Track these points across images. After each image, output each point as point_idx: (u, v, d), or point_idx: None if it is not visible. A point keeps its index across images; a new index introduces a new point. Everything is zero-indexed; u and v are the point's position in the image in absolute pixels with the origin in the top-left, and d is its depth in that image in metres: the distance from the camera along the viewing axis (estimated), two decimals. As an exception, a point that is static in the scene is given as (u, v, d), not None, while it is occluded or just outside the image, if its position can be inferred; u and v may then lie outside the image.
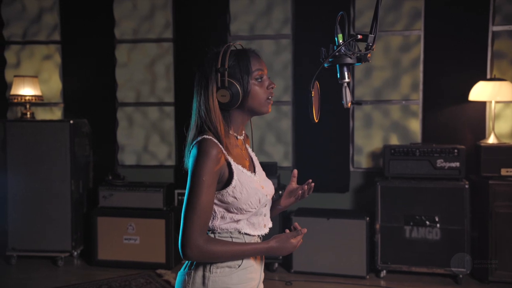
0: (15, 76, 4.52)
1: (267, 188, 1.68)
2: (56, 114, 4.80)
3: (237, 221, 1.57)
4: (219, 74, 1.54)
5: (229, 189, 1.53)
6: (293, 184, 1.83)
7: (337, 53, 1.49)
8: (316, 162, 4.41)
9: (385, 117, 4.37)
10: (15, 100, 4.43)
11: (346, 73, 1.53)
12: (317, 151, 4.42)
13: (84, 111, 4.65)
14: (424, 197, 3.93)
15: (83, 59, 4.70)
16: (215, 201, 1.55)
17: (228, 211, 1.56)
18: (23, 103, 4.48)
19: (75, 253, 4.39)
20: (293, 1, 4.45)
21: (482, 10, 4.16)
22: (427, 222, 3.91)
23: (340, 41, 1.50)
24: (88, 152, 4.62)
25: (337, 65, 1.53)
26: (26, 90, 4.42)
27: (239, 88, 1.54)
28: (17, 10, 4.76)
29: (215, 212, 1.56)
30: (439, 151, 3.97)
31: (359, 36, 1.48)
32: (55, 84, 4.78)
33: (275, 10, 4.46)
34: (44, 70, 4.79)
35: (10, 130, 4.32)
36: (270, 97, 1.62)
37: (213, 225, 1.57)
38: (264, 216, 1.67)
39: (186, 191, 1.50)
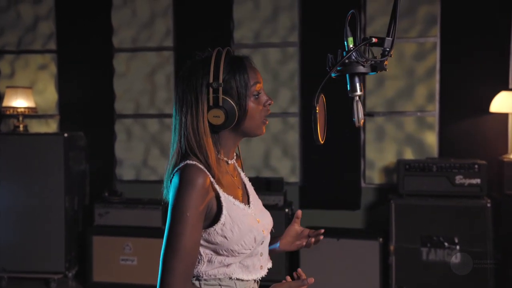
0: (7, 87, 4.32)
1: (264, 221, 1.40)
2: (52, 126, 4.58)
3: (228, 265, 1.30)
4: (211, 90, 1.27)
5: (218, 226, 1.26)
6: (296, 226, 1.54)
7: (346, 61, 1.23)
8: (325, 178, 4.14)
9: (398, 129, 4.09)
10: (8, 112, 4.22)
11: (357, 85, 1.26)
12: (326, 166, 4.14)
13: (80, 123, 4.42)
14: (442, 216, 3.64)
15: (80, 68, 4.48)
16: (201, 241, 1.27)
17: (217, 253, 1.28)
18: (16, 115, 4.26)
19: (70, 274, 4.14)
20: (300, 7, 4.20)
21: (503, 15, 3.89)
22: (446, 244, 3.61)
23: (351, 45, 1.24)
24: (84, 166, 4.38)
25: (347, 75, 1.26)
26: (19, 101, 4.21)
27: (235, 106, 1.27)
28: (12, 18, 4.56)
29: (200, 255, 1.28)
30: (458, 166, 3.68)
31: (374, 40, 1.22)
32: (51, 95, 4.57)
33: (281, 16, 4.21)
34: (39, 80, 4.57)
35: (2, 143, 4.10)
36: (266, 116, 1.34)
37: (198, 271, 1.29)
38: (261, 256, 1.39)
39: (166, 230, 1.23)
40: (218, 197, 1.27)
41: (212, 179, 1.26)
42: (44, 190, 4.07)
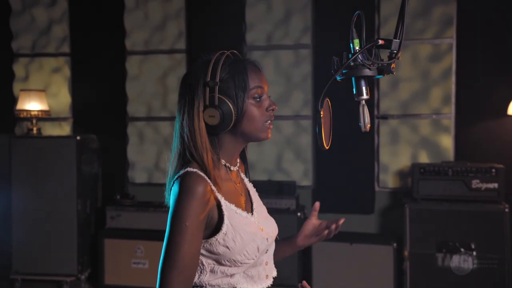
0: (21, 90, 4.34)
1: (268, 229, 1.36)
2: (65, 129, 4.60)
3: (231, 275, 1.25)
4: (207, 89, 1.23)
5: (219, 236, 1.22)
6: (314, 219, 1.50)
7: (352, 63, 1.19)
8: (338, 181, 4.08)
9: (413, 132, 4.01)
10: (22, 115, 4.24)
11: (364, 88, 1.22)
12: (339, 169, 4.08)
13: (93, 126, 4.43)
14: (458, 222, 3.56)
15: (93, 71, 4.49)
16: (203, 251, 1.23)
17: (219, 263, 1.24)
18: (29, 118, 4.28)
19: (82, 277, 4.14)
20: (313, 8, 4.15)
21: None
22: (462, 249, 3.53)
23: (357, 48, 1.19)
24: (96, 169, 4.38)
25: (353, 78, 1.22)
26: (32, 104, 4.23)
27: (231, 107, 1.23)
28: (26, 22, 4.59)
29: (203, 265, 1.24)
30: (475, 170, 3.59)
31: (381, 42, 1.17)
32: (64, 98, 4.58)
33: (294, 18, 4.17)
34: (53, 83, 4.60)
35: (15, 146, 4.12)
36: (269, 121, 1.30)
37: (200, 281, 1.25)
38: (266, 265, 1.34)
39: (165, 239, 1.19)
40: (219, 206, 1.23)
41: (213, 187, 1.22)
42: (57, 193, 4.07)
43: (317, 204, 1.50)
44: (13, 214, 4.12)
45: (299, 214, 3.79)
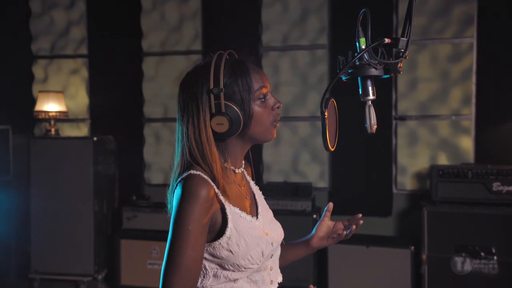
0: (40, 91, 4.39)
1: (274, 233, 1.33)
2: (83, 130, 4.64)
3: (235, 280, 1.23)
4: (212, 97, 1.20)
5: (223, 240, 1.19)
6: (327, 220, 1.48)
7: (357, 63, 1.15)
8: (354, 183, 4.03)
9: (432, 134, 3.94)
10: (40, 116, 4.29)
11: (370, 88, 1.18)
12: (356, 171, 4.03)
13: (110, 127, 4.46)
14: (478, 225, 3.47)
15: (110, 73, 4.51)
16: (206, 255, 1.21)
17: (223, 268, 1.22)
18: (48, 119, 4.33)
19: (99, 277, 4.17)
20: (329, 9, 4.11)
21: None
22: (482, 254, 3.44)
23: (363, 47, 1.16)
24: (113, 170, 4.41)
25: (359, 78, 1.18)
26: (50, 105, 4.27)
27: (239, 112, 1.20)
28: (46, 24, 4.64)
29: (206, 269, 1.22)
30: (496, 173, 3.50)
31: (387, 40, 1.13)
32: (82, 99, 4.62)
33: (310, 18, 4.13)
34: (71, 84, 4.64)
35: (34, 146, 4.17)
36: (276, 120, 1.27)
37: (203, 286, 1.23)
38: (271, 270, 1.31)
39: (167, 243, 1.17)
40: (223, 209, 1.21)
41: (216, 190, 1.20)
42: (74, 194, 4.11)
43: (331, 204, 1.47)
44: (31, 214, 4.17)
45: (314, 216, 3.74)
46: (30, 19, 4.66)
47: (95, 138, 4.10)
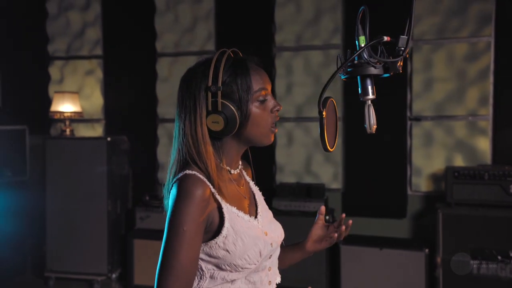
0: (55, 92, 4.44)
1: (273, 233, 1.31)
2: (98, 130, 4.68)
3: (232, 281, 1.21)
4: (210, 94, 1.18)
5: (219, 239, 1.18)
6: (321, 223, 1.46)
7: (356, 61, 1.13)
8: (368, 184, 3.98)
9: (448, 134, 3.87)
10: (56, 117, 4.34)
11: (369, 88, 1.15)
12: (370, 172, 3.98)
13: (124, 128, 4.48)
14: (495, 228, 3.40)
15: (124, 73, 4.55)
16: (202, 255, 1.19)
17: (219, 268, 1.20)
18: (63, 119, 4.37)
19: (113, 276, 4.19)
20: (343, 8, 4.07)
21: None
22: (499, 257, 3.37)
23: (362, 45, 1.13)
24: (127, 170, 4.43)
25: (358, 77, 1.16)
26: (66, 106, 4.32)
27: (235, 112, 1.18)
28: (62, 25, 4.70)
29: (202, 270, 1.21)
30: (513, 174, 3.43)
31: (386, 38, 1.10)
32: (97, 100, 4.66)
33: (324, 18, 4.10)
34: (86, 85, 4.68)
35: (49, 147, 4.21)
36: (274, 123, 1.24)
37: (200, 287, 1.22)
38: (269, 270, 1.30)
39: (163, 243, 1.16)
40: (220, 209, 1.19)
41: (213, 190, 1.18)
42: (88, 193, 4.14)
43: (323, 208, 1.45)
44: (47, 214, 4.21)
45: (327, 217, 3.71)
46: (46, 20, 4.71)
47: (108, 139, 4.13)
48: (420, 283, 3.50)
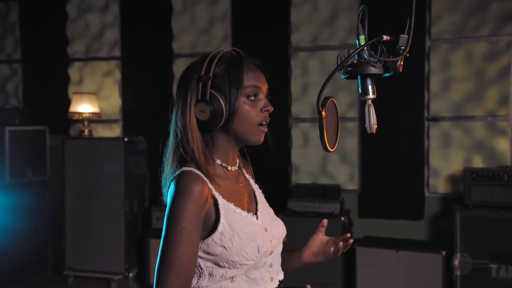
0: (74, 93, 4.51)
1: (274, 229, 1.30)
2: (116, 131, 4.73)
3: (232, 277, 1.21)
4: (201, 83, 1.20)
5: (215, 236, 1.18)
6: (321, 235, 1.43)
7: (355, 61, 1.12)
8: (385, 185, 3.94)
9: (466, 135, 3.80)
10: (74, 117, 4.40)
11: (369, 87, 1.14)
12: (386, 173, 3.94)
13: (142, 128, 4.52)
14: (514, 231, 3.33)
15: (142, 74, 4.59)
16: (201, 253, 1.19)
17: (218, 265, 1.20)
18: (81, 120, 4.44)
19: (130, 275, 4.23)
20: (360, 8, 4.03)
21: None
22: (518, 261, 3.30)
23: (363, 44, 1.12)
24: (144, 170, 4.47)
25: (358, 77, 1.15)
26: (84, 107, 4.38)
27: (223, 103, 1.20)
28: (81, 27, 4.77)
29: (201, 268, 1.21)
30: (533, 176, 3.36)
31: (385, 37, 1.09)
32: (115, 101, 4.72)
33: (340, 18, 4.07)
34: (105, 86, 4.74)
35: (68, 147, 4.28)
36: (264, 123, 1.24)
37: (199, 286, 1.21)
38: (270, 267, 1.29)
39: (162, 240, 1.16)
40: (216, 204, 1.20)
41: (210, 186, 1.19)
42: (106, 193, 4.19)
43: (325, 221, 1.42)
44: (66, 213, 4.28)
45: (343, 218, 3.68)
46: (66, 23, 4.78)
47: (126, 139, 4.17)
48: (437, 287, 3.44)
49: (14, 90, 5.03)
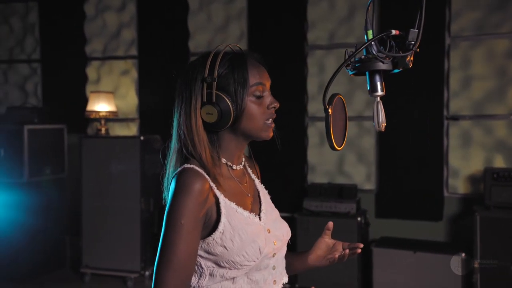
0: (91, 92, 4.54)
1: (277, 231, 1.27)
2: (132, 130, 4.75)
3: (233, 278, 1.19)
4: (205, 85, 1.18)
5: (216, 235, 1.16)
6: (327, 239, 1.39)
7: (363, 56, 1.08)
8: (403, 185, 3.87)
9: (487, 134, 3.71)
10: (91, 116, 4.43)
11: (378, 84, 1.10)
12: (404, 173, 3.87)
13: (158, 127, 4.51)
14: (536, 233, 3.24)
15: (158, 73, 4.59)
16: (201, 253, 1.17)
17: (218, 265, 1.18)
18: (98, 119, 4.46)
19: (146, 273, 4.24)
20: (378, 5, 3.97)
21: None
22: (540, 263, 3.21)
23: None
24: (160, 169, 4.44)
25: (367, 73, 1.11)
26: (101, 105, 4.40)
27: (230, 104, 1.17)
28: (99, 27, 4.79)
29: (202, 268, 1.19)
30: (556, 176, 3.26)
31: (395, 32, 1.05)
32: (132, 100, 4.73)
33: (358, 15, 4.01)
34: (122, 85, 4.76)
35: (85, 145, 4.31)
36: (270, 119, 1.22)
37: (200, 285, 1.19)
38: (273, 269, 1.26)
39: (160, 238, 1.15)
40: (217, 203, 1.18)
41: (211, 184, 1.17)
42: (122, 192, 4.20)
43: (330, 223, 1.38)
44: (83, 211, 4.31)
45: (359, 218, 3.63)
46: (84, 22, 4.81)
47: (142, 138, 4.18)
48: (456, 289, 3.37)
49: (33, 89, 5.09)
